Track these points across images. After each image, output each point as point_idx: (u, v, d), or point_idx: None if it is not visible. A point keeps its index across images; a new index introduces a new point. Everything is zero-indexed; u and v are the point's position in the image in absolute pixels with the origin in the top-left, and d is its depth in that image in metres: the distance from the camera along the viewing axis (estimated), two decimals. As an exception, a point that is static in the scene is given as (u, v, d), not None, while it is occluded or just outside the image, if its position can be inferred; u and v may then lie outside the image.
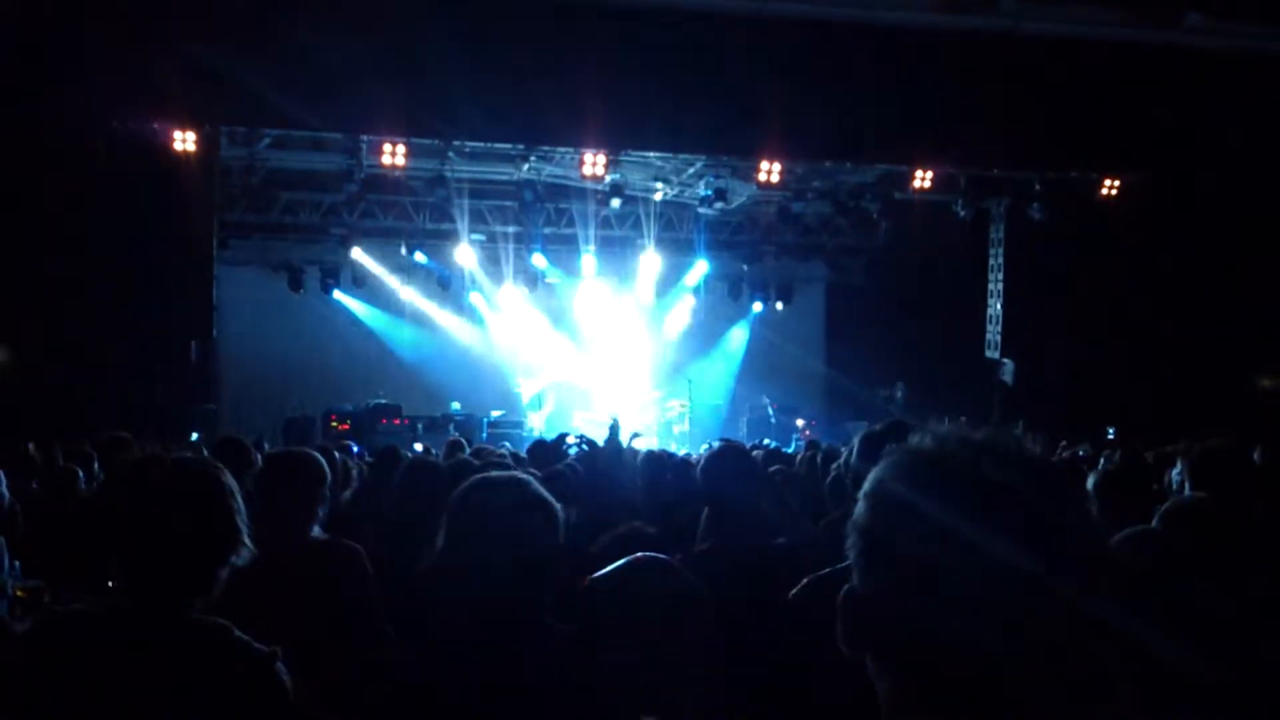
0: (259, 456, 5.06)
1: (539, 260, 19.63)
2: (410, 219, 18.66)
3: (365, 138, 14.47)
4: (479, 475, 2.39)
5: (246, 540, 2.37)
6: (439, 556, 2.31)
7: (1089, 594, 1.06)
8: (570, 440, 8.53)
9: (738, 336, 22.54)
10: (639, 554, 2.12)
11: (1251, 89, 13.76)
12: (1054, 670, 1.05)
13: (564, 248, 19.81)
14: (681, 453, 11.03)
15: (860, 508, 1.17)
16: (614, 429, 9.43)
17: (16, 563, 5.26)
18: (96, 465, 6.68)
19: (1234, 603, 2.14)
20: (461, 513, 2.30)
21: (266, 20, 11.67)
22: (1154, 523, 2.68)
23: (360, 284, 20.04)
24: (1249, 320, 14.80)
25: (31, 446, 7.85)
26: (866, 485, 1.18)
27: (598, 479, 6.21)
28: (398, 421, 18.00)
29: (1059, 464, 1.18)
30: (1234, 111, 13.87)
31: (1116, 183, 15.46)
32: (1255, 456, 4.39)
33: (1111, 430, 13.77)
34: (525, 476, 2.41)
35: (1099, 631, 1.07)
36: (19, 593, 4.96)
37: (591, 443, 8.14)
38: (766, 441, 14.88)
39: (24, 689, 2.15)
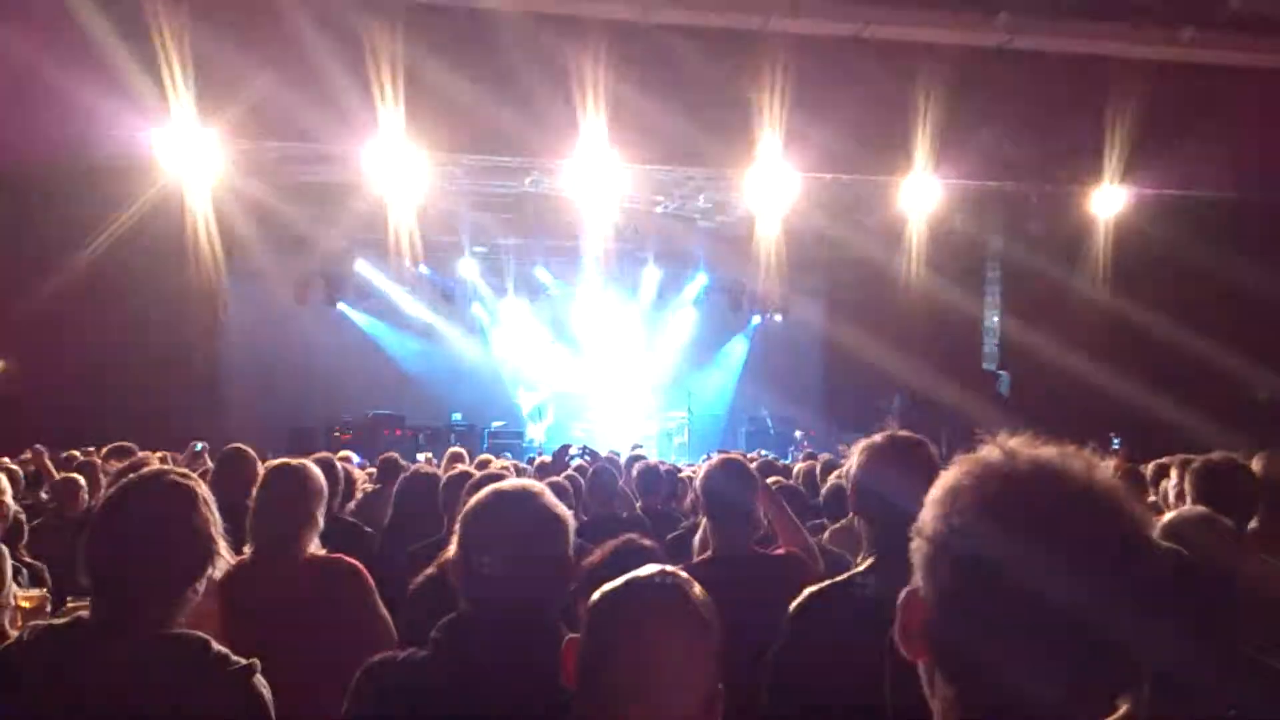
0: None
1: (540, 272, 19.72)
2: (414, 231, 18.67)
3: (369, 151, 14.50)
4: (491, 485, 2.39)
5: (222, 551, 2.37)
6: (449, 564, 2.32)
7: (1145, 624, 1.08)
8: (573, 451, 8.58)
9: (737, 348, 22.61)
10: (651, 567, 2.14)
11: (1246, 102, 13.84)
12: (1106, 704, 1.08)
13: (565, 260, 19.87)
14: (682, 464, 11.07)
15: (929, 515, 1.18)
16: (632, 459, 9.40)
17: (24, 571, 5.31)
18: (101, 475, 6.74)
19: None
20: (474, 521, 2.31)
21: (272, 33, 11.74)
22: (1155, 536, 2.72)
23: (364, 296, 20.10)
24: (1246, 333, 14.85)
25: (36, 456, 7.90)
26: (937, 493, 1.19)
27: (598, 490, 6.25)
28: (400, 432, 18.07)
29: (1129, 492, 1.20)
30: (1230, 124, 13.95)
31: (1113, 196, 15.53)
32: (1255, 468, 4.43)
33: (1117, 440, 13.81)
34: (538, 486, 2.41)
35: (1156, 665, 1.12)
36: (23, 602, 4.98)
37: (594, 454, 8.20)
38: (764, 453, 14.92)
39: (2, 703, 2.13)
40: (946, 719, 1.15)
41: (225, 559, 2.39)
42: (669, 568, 1.91)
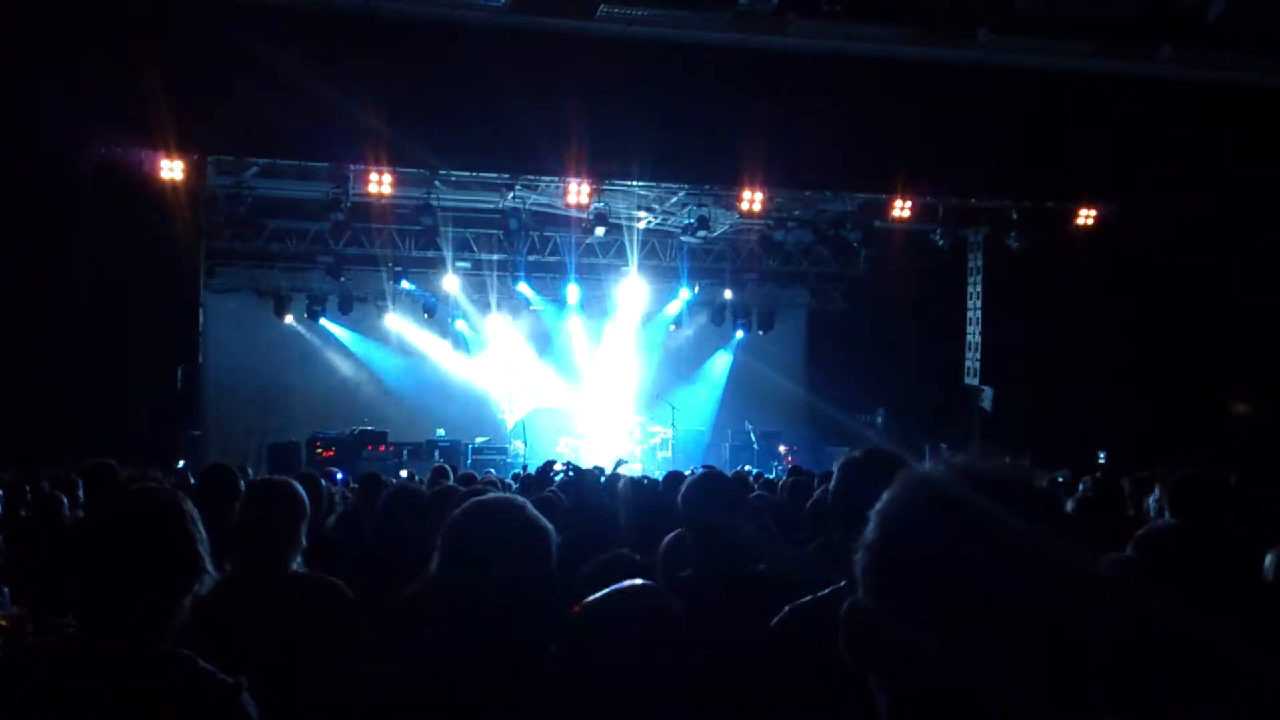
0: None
1: (524, 288, 19.73)
2: (396, 247, 18.70)
3: (351, 166, 14.54)
4: (474, 498, 2.39)
5: (209, 568, 2.35)
6: (432, 579, 2.32)
7: (1084, 624, 1.10)
8: (557, 468, 8.59)
9: (720, 363, 22.65)
10: (631, 581, 2.14)
11: (1223, 119, 13.99)
12: (1046, 701, 1.08)
13: (548, 275, 19.90)
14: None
15: (870, 526, 1.20)
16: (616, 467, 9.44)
17: (5, 589, 5.27)
18: (81, 493, 6.69)
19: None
20: (457, 535, 2.30)
21: (253, 49, 11.74)
22: (1128, 549, 2.76)
23: (346, 311, 20.05)
24: (1224, 347, 14.97)
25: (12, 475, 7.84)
26: (879, 505, 1.21)
27: (583, 505, 6.25)
28: (383, 448, 18.02)
29: (1061, 497, 1.22)
30: (1207, 141, 14.09)
31: (1092, 212, 15.66)
32: (1231, 482, 4.47)
33: (1103, 455, 13.90)
34: (520, 500, 2.41)
35: (1093, 664, 1.10)
36: (1, 622, 4.94)
37: (578, 469, 8.21)
38: (748, 468, 14.95)
39: None
40: None
41: (211, 575, 2.38)
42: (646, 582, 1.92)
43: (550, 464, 9.47)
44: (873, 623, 1.17)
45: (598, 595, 1.96)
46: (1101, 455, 13.91)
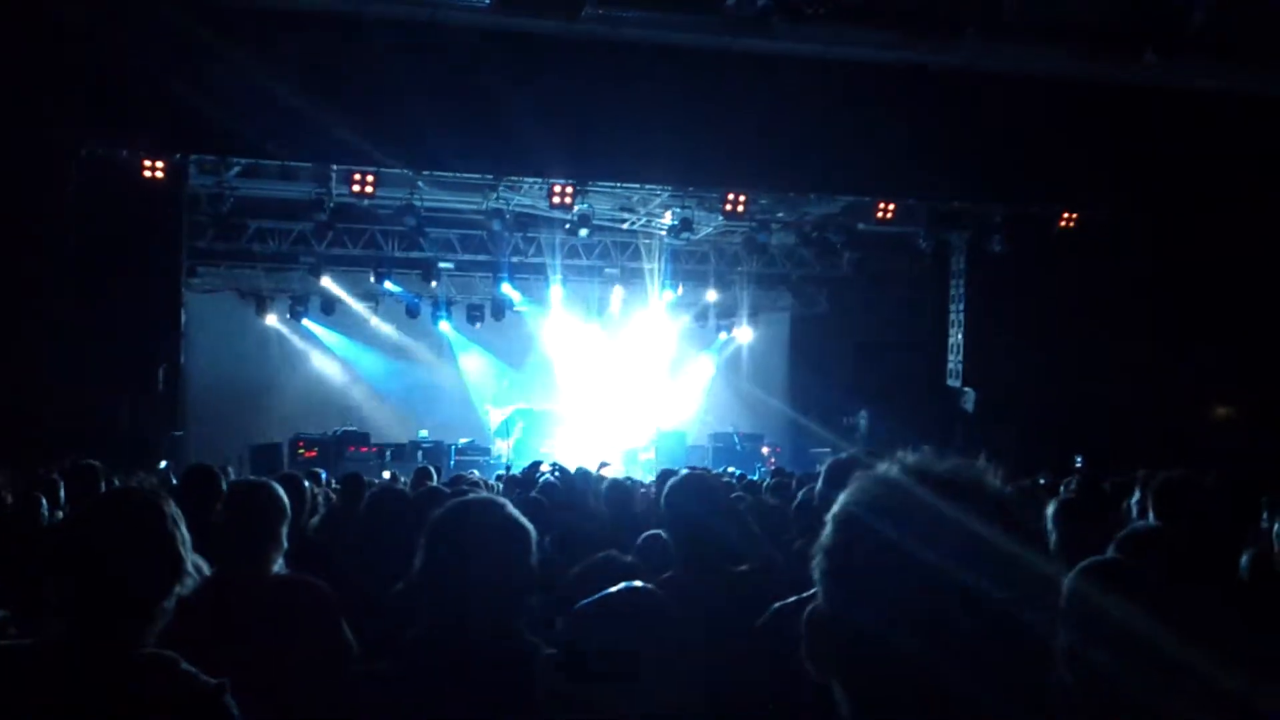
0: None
1: (507, 289, 19.72)
2: (379, 247, 18.66)
3: (334, 167, 14.49)
4: (456, 499, 2.41)
5: (191, 569, 2.35)
6: (415, 580, 2.33)
7: (1032, 620, 1.10)
8: (544, 468, 8.58)
9: (703, 364, 22.67)
10: (628, 583, 2.15)
11: (1206, 125, 14.09)
12: (1001, 693, 1.08)
13: (532, 276, 19.90)
14: (648, 481, 11.08)
15: (826, 530, 1.21)
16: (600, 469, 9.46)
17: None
18: (62, 493, 6.64)
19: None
20: (439, 536, 2.32)
21: (236, 50, 11.70)
22: (1109, 550, 2.78)
23: (329, 312, 20.01)
24: (1205, 350, 15.08)
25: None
26: (834, 508, 1.22)
27: (571, 506, 6.26)
28: (365, 449, 17.97)
29: (1013, 494, 1.22)
30: (1190, 146, 14.19)
31: (1075, 216, 15.74)
32: (1211, 484, 4.51)
33: (1079, 459, 13.96)
34: (502, 500, 2.43)
35: (1048, 658, 1.11)
36: (-19, 622, 4.90)
37: (564, 471, 8.21)
38: (731, 469, 14.96)
39: None
40: None
41: (193, 576, 2.38)
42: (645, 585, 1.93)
43: (537, 464, 9.46)
44: (830, 627, 1.17)
45: (594, 598, 1.98)
46: (1078, 459, 13.96)
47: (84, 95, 11.92)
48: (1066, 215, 15.78)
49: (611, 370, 21.40)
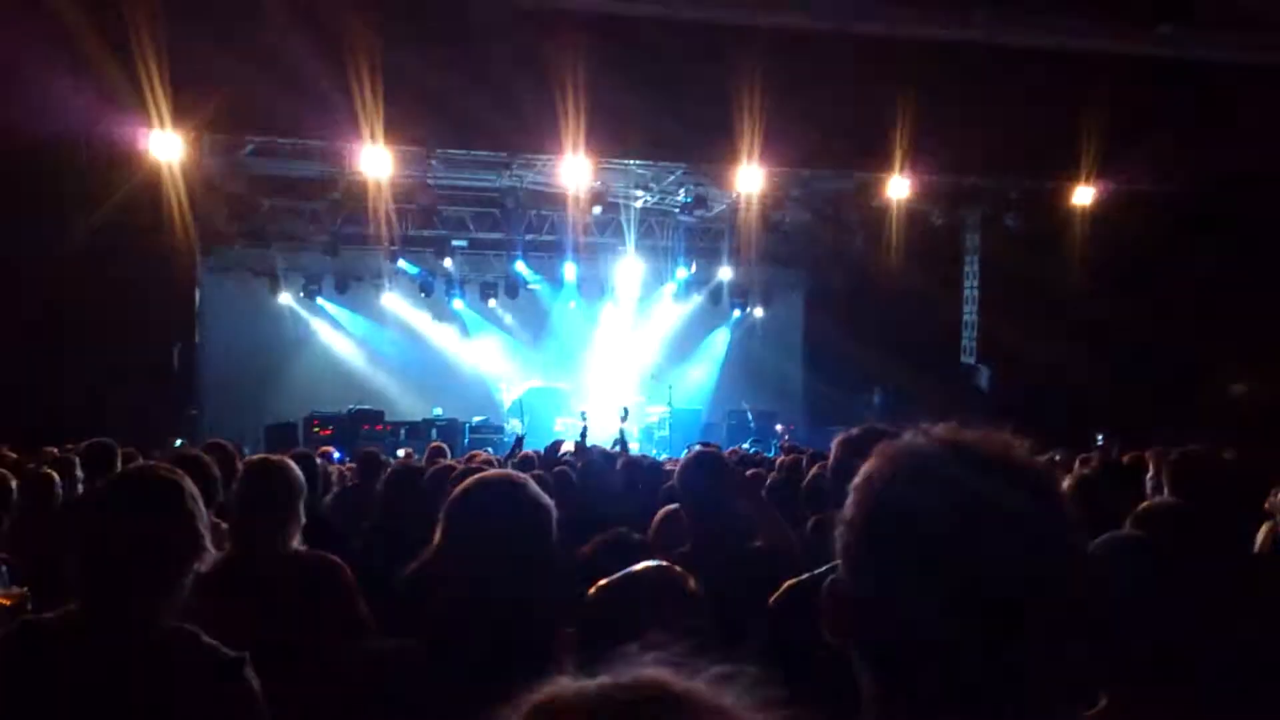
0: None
1: (521, 267, 19.71)
2: (392, 226, 18.63)
3: (347, 145, 14.48)
4: (476, 475, 2.40)
5: (209, 545, 2.37)
6: (434, 556, 2.33)
7: (1064, 595, 1.09)
8: (566, 447, 8.58)
9: (718, 342, 22.66)
10: (650, 562, 2.15)
11: (1224, 97, 13.94)
12: (1031, 668, 1.08)
13: (545, 254, 19.88)
14: (663, 458, 11.10)
15: (849, 501, 1.19)
16: (584, 432, 9.49)
17: (4, 569, 5.27)
18: (80, 472, 6.68)
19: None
20: (460, 512, 2.32)
21: (249, 28, 11.67)
22: (1126, 525, 2.77)
23: (342, 290, 20.04)
24: (1221, 327, 14.98)
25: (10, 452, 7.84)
26: (856, 479, 1.20)
27: (585, 484, 6.28)
28: (380, 427, 18.00)
29: (1045, 466, 1.20)
30: (1207, 119, 14.05)
31: (1090, 191, 15.62)
32: (1228, 460, 4.50)
33: (1101, 436, 13.90)
34: (522, 477, 2.42)
35: (1074, 633, 1.10)
36: (2, 600, 4.95)
37: (582, 445, 8.23)
38: (746, 446, 14.96)
39: None
40: (871, 709, 1.15)
41: (211, 552, 2.40)
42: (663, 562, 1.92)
43: (558, 443, 9.45)
44: (854, 596, 1.15)
45: (616, 576, 1.98)
46: (1100, 437, 13.90)
47: (95, 74, 11.91)
48: (1081, 191, 15.67)
49: (625, 347, 21.38)
